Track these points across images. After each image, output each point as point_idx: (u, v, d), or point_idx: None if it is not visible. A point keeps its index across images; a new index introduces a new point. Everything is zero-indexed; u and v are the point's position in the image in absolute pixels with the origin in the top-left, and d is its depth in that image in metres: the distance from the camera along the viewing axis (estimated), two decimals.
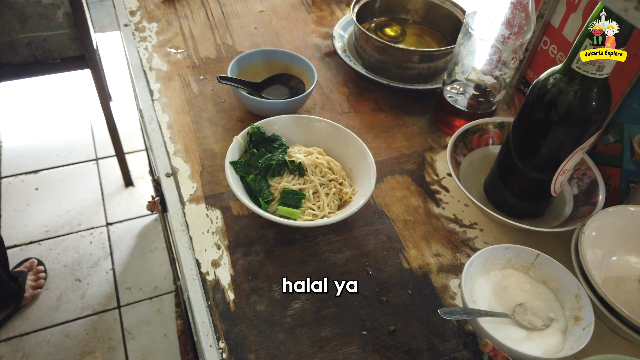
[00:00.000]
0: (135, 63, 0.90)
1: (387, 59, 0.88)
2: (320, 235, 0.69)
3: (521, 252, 0.62)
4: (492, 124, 0.78)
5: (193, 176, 0.73)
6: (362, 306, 0.62)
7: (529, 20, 0.71)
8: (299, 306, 0.61)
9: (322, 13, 1.09)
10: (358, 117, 0.86)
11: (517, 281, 0.62)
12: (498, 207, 0.73)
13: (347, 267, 0.66)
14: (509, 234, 0.71)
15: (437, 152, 0.82)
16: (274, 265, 0.65)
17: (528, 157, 0.66)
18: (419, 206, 0.74)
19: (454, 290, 0.65)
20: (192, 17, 1.02)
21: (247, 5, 1.08)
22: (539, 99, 0.61)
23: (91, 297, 1.58)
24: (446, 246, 0.69)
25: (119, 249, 1.70)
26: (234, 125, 0.81)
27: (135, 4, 1.03)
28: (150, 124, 0.80)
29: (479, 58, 0.76)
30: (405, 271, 0.66)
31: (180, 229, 0.67)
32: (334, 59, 0.97)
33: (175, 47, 0.94)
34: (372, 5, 0.99)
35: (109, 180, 1.88)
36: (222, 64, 0.92)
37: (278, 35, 1.01)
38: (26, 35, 1.42)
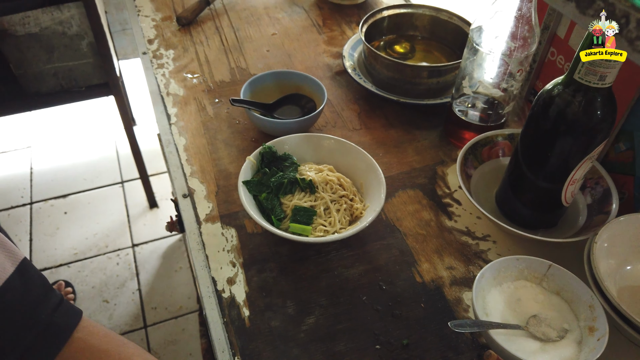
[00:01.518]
0: (153, 89, 0.94)
1: (396, 75, 0.90)
2: (333, 251, 0.70)
3: (533, 263, 0.62)
4: (502, 135, 0.79)
5: (209, 196, 0.76)
6: (375, 320, 0.63)
7: (533, 33, 0.72)
8: (313, 321, 0.62)
9: (332, 33, 1.11)
10: (369, 134, 0.87)
11: (530, 292, 0.61)
12: (510, 218, 0.73)
13: (360, 282, 0.67)
14: (523, 246, 0.71)
15: (448, 166, 0.82)
16: (288, 282, 0.66)
17: (537, 167, 0.66)
18: (431, 220, 0.75)
19: (467, 303, 0.65)
20: (207, 43, 1.06)
21: (260, 29, 1.11)
22: (544, 110, 0.61)
23: (118, 318, 1.62)
24: (459, 259, 0.70)
25: (144, 269, 1.74)
26: (247, 146, 0.84)
27: (153, 32, 1.08)
28: (168, 147, 0.83)
29: (486, 71, 0.77)
30: (418, 285, 0.67)
31: (196, 248, 0.69)
32: (345, 77, 0.99)
33: (191, 72, 0.98)
34: (380, 24, 1.01)
35: (134, 202, 1.94)
36: (236, 86, 0.95)
37: (290, 56, 1.04)
38: (53, 66, 1.49)
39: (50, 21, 1.41)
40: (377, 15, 1.00)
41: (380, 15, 1.00)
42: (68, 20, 1.42)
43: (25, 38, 1.41)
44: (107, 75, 1.57)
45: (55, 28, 1.42)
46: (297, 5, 1.21)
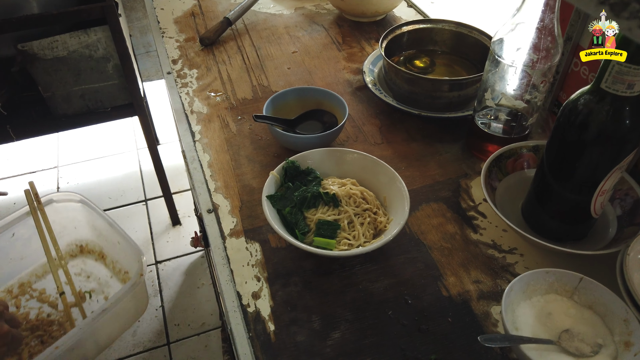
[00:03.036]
0: (178, 107, 0.96)
1: (417, 89, 0.90)
2: (357, 264, 0.70)
3: (563, 276, 0.60)
4: (526, 147, 0.78)
5: (233, 211, 0.76)
6: (402, 335, 0.62)
7: (556, 44, 0.71)
8: (339, 336, 0.62)
9: (352, 50, 1.12)
10: (391, 148, 0.87)
11: (561, 306, 0.60)
12: (537, 231, 0.71)
13: (385, 296, 0.66)
14: (551, 259, 0.70)
15: (472, 179, 0.82)
16: (313, 296, 0.66)
17: (564, 179, 0.65)
18: (456, 233, 0.74)
19: (495, 318, 0.63)
20: (229, 62, 1.08)
21: (281, 48, 1.13)
22: (570, 120, 0.61)
23: (142, 335, 1.63)
24: (486, 272, 0.69)
25: (167, 286, 1.76)
26: (270, 161, 0.84)
27: (177, 53, 1.11)
28: (192, 163, 0.84)
29: (509, 83, 0.77)
30: (444, 299, 0.66)
31: (221, 263, 0.69)
32: (365, 92, 1.00)
33: (215, 90, 1.00)
34: (400, 40, 1.02)
35: (158, 220, 1.96)
36: (258, 103, 0.97)
37: (310, 73, 1.05)
38: (80, 88, 1.54)
39: (77, 45, 1.45)
40: (396, 31, 1.01)
41: (399, 31, 1.01)
42: (94, 44, 1.47)
43: (54, 61, 1.45)
44: (132, 96, 1.61)
45: (82, 51, 1.47)
46: (317, 23, 1.22)
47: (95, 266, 1.21)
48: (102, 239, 1.19)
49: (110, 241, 1.16)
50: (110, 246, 1.18)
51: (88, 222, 1.19)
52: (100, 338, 1.03)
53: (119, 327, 1.08)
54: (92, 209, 1.15)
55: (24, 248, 1.13)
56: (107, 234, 1.16)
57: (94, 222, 1.18)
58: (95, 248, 1.22)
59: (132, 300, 1.03)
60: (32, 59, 1.43)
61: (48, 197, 1.14)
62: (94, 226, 1.19)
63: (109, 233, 1.14)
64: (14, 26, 1.35)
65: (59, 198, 1.15)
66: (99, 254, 1.21)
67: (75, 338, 0.91)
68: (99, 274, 1.19)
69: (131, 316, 1.09)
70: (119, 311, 1.00)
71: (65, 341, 0.89)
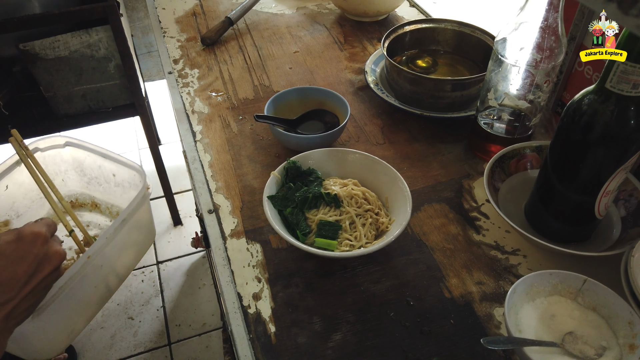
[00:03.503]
0: (179, 107, 0.95)
1: (419, 89, 0.89)
2: (359, 266, 0.69)
3: (567, 277, 0.60)
4: (530, 147, 0.77)
5: (234, 212, 0.76)
6: (404, 337, 0.61)
7: (560, 43, 0.71)
8: (340, 338, 0.61)
9: (354, 50, 1.12)
10: (393, 148, 0.87)
11: (565, 308, 0.59)
12: (541, 232, 0.71)
13: (387, 298, 0.66)
14: (554, 260, 0.69)
15: (474, 179, 0.81)
16: (314, 297, 0.66)
17: (568, 179, 0.64)
18: (459, 234, 0.73)
19: (498, 320, 0.63)
20: (230, 62, 1.08)
21: (282, 48, 1.13)
22: (574, 120, 0.60)
23: (143, 335, 1.63)
24: (488, 274, 0.68)
25: (168, 286, 1.75)
26: (271, 161, 0.84)
27: (178, 52, 1.10)
28: (193, 163, 0.84)
29: (512, 83, 0.76)
30: (446, 300, 0.65)
31: (222, 263, 0.69)
32: (367, 92, 0.99)
33: (216, 90, 1.00)
34: (402, 39, 1.01)
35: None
36: (259, 103, 0.96)
37: (312, 73, 1.05)
38: (81, 88, 1.54)
39: (79, 44, 1.45)
40: (399, 31, 1.00)
41: (402, 31, 1.01)
42: (96, 44, 1.47)
43: (55, 61, 1.45)
44: (133, 96, 1.60)
45: (83, 51, 1.47)
46: (319, 23, 1.22)
47: (92, 216, 1.19)
48: (93, 184, 1.16)
49: (103, 181, 1.13)
50: (102, 190, 1.15)
51: (76, 169, 1.16)
52: (119, 265, 1.01)
53: (135, 252, 1.06)
54: (79, 146, 1.11)
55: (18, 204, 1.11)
56: (99, 174, 1.13)
57: (82, 165, 1.15)
58: (86, 200, 1.20)
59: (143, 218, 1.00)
60: (34, 59, 1.43)
61: (33, 144, 1.11)
62: (82, 171, 1.16)
63: (101, 170, 1.12)
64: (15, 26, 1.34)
65: (44, 145, 1.12)
66: (92, 204, 1.20)
67: (101, 247, 0.87)
68: (97, 222, 1.17)
69: (144, 240, 1.07)
70: (133, 233, 0.98)
71: (94, 250, 0.86)
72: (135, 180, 1.08)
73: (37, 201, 1.14)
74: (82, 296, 0.91)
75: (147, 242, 1.11)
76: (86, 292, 0.92)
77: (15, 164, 1.09)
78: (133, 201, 0.94)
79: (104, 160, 1.11)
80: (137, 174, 1.05)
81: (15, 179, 1.10)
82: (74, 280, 0.83)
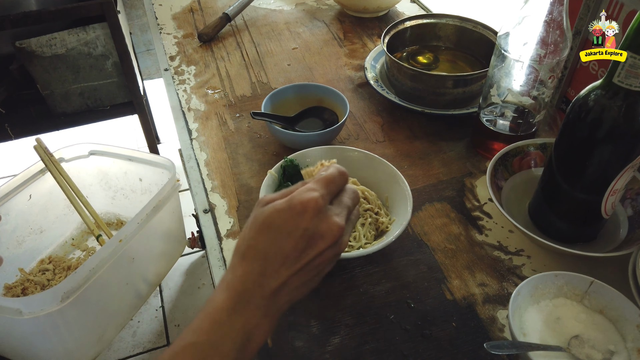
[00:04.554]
0: (175, 104, 0.94)
1: (420, 86, 0.87)
2: (358, 267, 0.67)
3: (573, 279, 0.58)
4: (534, 145, 0.75)
5: (230, 211, 0.74)
6: (404, 340, 0.60)
7: (565, 38, 0.69)
8: (338, 341, 0.59)
9: (354, 46, 1.10)
10: (393, 146, 0.85)
11: (570, 311, 0.57)
12: (545, 232, 0.69)
13: (387, 300, 0.64)
14: (559, 261, 0.67)
15: (477, 178, 0.79)
16: (312, 299, 0.64)
17: (573, 178, 0.62)
18: (460, 234, 0.71)
19: (502, 322, 0.61)
20: (228, 58, 1.06)
21: (281, 44, 1.11)
22: (580, 116, 0.58)
23: (142, 335, 1.61)
24: (491, 275, 0.66)
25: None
26: (269, 160, 0.82)
27: (174, 49, 1.08)
28: (189, 162, 0.82)
29: (515, 79, 0.74)
30: (448, 303, 0.63)
31: (217, 265, 0.67)
32: (367, 89, 0.97)
33: (213, 87, 0.98)
34: (403, 35, 0.99)
35: None
36: (257, 100, 0.94)
37: (311, 70, 1.03)
38: (79, 86, 1.52)
39: (76, 42, 1.44)
40: (399, 26, 0.98)
41: (402, 26, 0.99)
42: (93, 41, 1.45)
43: (52, 59, 1.44)
44: (132, 94, 1.59)
45: (81, 49, 1.45)
46: (318, 19, 1.20)
47: None
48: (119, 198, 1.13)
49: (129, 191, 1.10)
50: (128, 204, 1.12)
51: (100, 182, 1.13)
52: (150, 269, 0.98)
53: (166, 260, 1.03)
54: (104, 153, 1.09)
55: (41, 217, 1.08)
56: (124, 183, 1.10)
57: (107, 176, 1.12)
58: (112, 219, 1.17)
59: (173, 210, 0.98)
60: (31, 57, 1.41)
61: (57, 153, 1.08)
62: (107, 184, 1.13)
63: (127, 178, 1.10)
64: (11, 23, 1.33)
65: (68, 156, 1.10)
66: (117, 222, 1.17)
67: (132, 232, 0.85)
68: None
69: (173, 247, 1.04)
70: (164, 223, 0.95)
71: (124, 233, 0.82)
72: (163, 179, 1.05)
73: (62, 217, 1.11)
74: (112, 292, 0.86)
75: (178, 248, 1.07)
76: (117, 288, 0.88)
77: (39, 173, 1.07)
78: (163, 189, 0.92)
79: (130, 163, 1.08)
80: (165, 170, 1.03)
81: (39, 190, 1.07)
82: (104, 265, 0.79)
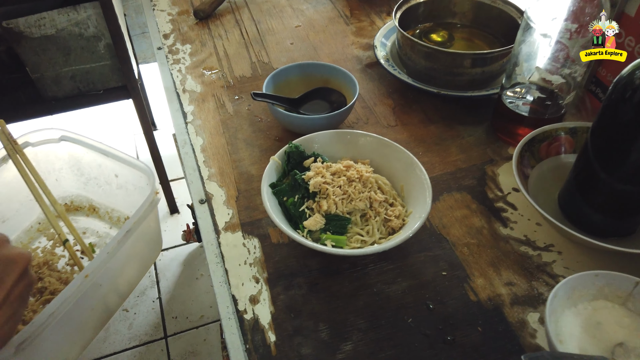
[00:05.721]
0: (169, 86, 0.86)
1: (435, 65, 0.80)
2: (371, 263, 0.61)
3: (615, 279, 0.51)
4: (563, 129, 0.68)
5: (228, 202, 0.67)
6: (425, 347, 0.53)
7: (600, 10, 0.61)
8: (351, 348, 0.53)
9: (361, 24, 1.02)
10: (406, 130, 0.78)
11: (612, 315, 0.51)
12: (577, 224, 0.62)
13: (404, 301, 0.57)
14: (594, 257, 0.61)
15: (499, 165, 0.73)
16: (320, 300, 0.57)
17: (613, 166, 0.55)
18: (483, 227, 0.65)
19: (533, 327, 0.54)
20: (226, 37, 0.98)
21: (283, 21, 1.03)
22: (624, 97, 0.51)
23: (138, 327, 1.56)
24: (519, 273, 0.60)
25: (165, 277, 1.68)
26: (271, 145, 0.75)
27: (169, 27, 1.01)
28: (184, 147, 0.75)
29: (543, 56, 0.67)
30: (472, 304, 0.57)
31: (214, 261, 0.61)
32: (377, 70, 0.90)
33: (210, 67, 0.91)
34: (415, 11, 0.92)
35: None
36: (258, 82, 0.87)
37: (316, 49, 0.95)
38: (70, 69, 1.45)
39: (66, 22, 1.36)
40: (411, 1, 0.91)
41: (415, 1, 0.91)
42: (85, 21, 1.37)
43: (42, 40, 1.36)
44: (126, 78, 1.51)
45: (71, 29, 1.37)
46: None
47: (88, 222, 1.07)
48: (92, 185, 1.03)
49: (104, 182, 1.01)
50: (101, 192, 1.03)
51: (72, 168, 1.03)
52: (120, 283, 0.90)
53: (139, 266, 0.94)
54: (76, 141, 0.98)
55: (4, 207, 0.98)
56: (98, 173, 1.01)
57: (80, 163, 1.01)
58: (83, 203, 1.07)
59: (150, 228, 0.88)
60: (19, 38, 1.34)
61: (23, 138, 0.96)
62: (79, 170, 1.02)
63: (101, 170, 0.99)
64: None
65: (36, 139, 0.98)
66: (89, 207, 1.07)
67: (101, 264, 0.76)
68: (95, 228, 1.05)
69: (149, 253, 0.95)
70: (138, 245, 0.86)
71: (92, 267, 0.74)
72: (141, 183, 0.96)
73: (26, 204, 1.02)
74: (77, 321, 0.79)
75: (153, 254, 0.99)
76: (82, 316, 0.81)
77: (2, 161, 0.97)
78: (140, 209, 0.83)
79: (105, 158, 0.98)
80: (143, 175, 0.93)
81: (2, 177, 0.99)
82: (68, 305, 0.72)
